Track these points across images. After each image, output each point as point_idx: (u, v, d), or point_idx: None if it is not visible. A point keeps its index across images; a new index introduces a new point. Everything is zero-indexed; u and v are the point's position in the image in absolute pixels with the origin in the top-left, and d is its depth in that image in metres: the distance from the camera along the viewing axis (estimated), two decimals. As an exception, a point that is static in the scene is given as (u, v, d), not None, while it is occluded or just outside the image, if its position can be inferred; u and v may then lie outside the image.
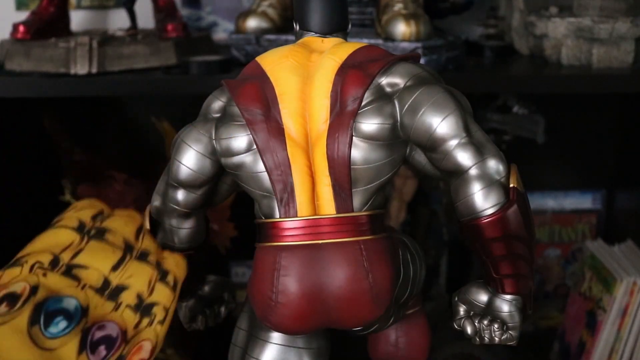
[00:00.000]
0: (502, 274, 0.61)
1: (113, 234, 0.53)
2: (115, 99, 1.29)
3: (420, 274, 0.70)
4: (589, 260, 1.17)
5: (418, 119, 0.60)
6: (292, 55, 0.65)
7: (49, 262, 0.49)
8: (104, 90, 0.98)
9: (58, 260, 0.49)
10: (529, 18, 1.05)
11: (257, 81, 0.64)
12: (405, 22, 0.92)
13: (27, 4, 1.23)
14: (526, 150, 1.20)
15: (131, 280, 0.51)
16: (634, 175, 1.27)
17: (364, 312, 0.62)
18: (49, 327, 0.45)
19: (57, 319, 0.46)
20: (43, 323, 0.45)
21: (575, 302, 1.19)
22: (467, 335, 0.65)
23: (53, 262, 0.49)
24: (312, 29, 0.68)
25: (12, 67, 1.00)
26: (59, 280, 0.48)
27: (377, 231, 0.63)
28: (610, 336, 1.08)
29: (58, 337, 0.45)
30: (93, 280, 0.49)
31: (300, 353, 0.68)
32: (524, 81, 0.99)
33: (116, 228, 0.53)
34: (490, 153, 0.59)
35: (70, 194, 1.22)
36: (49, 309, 0.46)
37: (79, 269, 0.49)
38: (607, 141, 1.32)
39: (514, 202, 0.58)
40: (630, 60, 0.97)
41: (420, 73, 0.63)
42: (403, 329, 0.75)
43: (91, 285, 0.49)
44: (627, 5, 0.98)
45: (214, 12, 1.26)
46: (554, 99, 1.24)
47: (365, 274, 0.61)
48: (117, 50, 0.99)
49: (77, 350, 0.45)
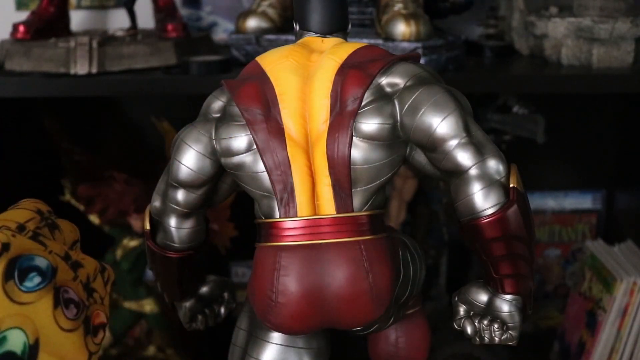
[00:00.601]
0: (502, 274, 0.61)
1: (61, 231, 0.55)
2: (115, 99, 1.29)
3: (420, 274, 0.70)
4: (589, 260, 1.17)
5: (418, 119, 0.60)
6: (292, 55, 0.65)
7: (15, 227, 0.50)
8: (104, 90, 0.98)
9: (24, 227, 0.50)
10: (529, 18, 1.05)
11: (257, 81, 0.64)
12: (405, 22, 0.92)
13: (27, 4, 1.23)
14: (526, 150, 1.20)
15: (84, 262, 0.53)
16: (634, 175, 1.27)
17: (364, 312, 0.62)
18: (23, 282, 0.46)
19: (31, 274, 0.47)
20: (17, 278, 0.46)
21: (575, 302, 1.19)
22: (467, 335, 0.65)
23: (19, 228, 0.50)
24: (312, 29, 0.68)
25: (12, 67, 1.00)
26: (28, 243, 0.49)
27: (377, 231, 0.63)
28: (610, 336, 1.08)
29: (33, 291, 0.46)
30: (57, 249, 0.50)
31: (300, 353, 0.68)
32: (524, 81, 0.99)
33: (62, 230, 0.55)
34: (490, 153, 0.59)
35: (70, 194, 1.22)
36: (22, 265, 0.47)
37: (43, 237, 0.50)
38: (607, 141, 1.32)
39: (514, 202, 0.58)
40: (630, 60, 0.97)
41: (420, 73, 0.63)
42: (403, 329, 0.75)
43: (56, 253, 0.50)
44: (627, 5, 0.98)
45: (214, 12, 1.26)
46: (554, 99, 1.24)
47: (365, 274, 0.61)
48: (117, 50, 0.99)
49: (53, 305, 0.47)
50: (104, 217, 1.20)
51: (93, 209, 1.19)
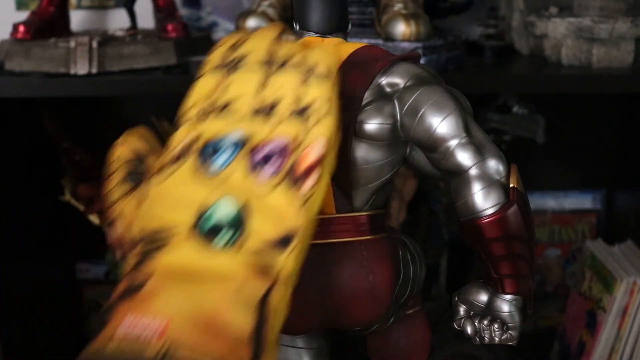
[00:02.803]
0: (502, 274, 0.61)
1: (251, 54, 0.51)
2: (115, 99, 1.29)
3: (420, 274, 0.70)
4: (589, 260, 1.17)
5: (418, 119, 0.60)
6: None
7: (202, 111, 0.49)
8: (104, 90, 0.98)
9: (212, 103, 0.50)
10: (529, 18, 1.05)
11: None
12: (405, 22, 0.92)
13: (27, 4, 1.23)
14: (526, 150, 1.20)
15: (282, 90, 0.49)
16: (634, 175, 1.27)
17: (364, 312, 0.62)
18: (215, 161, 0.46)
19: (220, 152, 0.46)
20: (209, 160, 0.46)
21: (575, 302, 1.19)
22: (467, 335, 0.65)
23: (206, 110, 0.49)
24: (312, 29, 0.68)
25: (12, 67, 1.00)
26: (216, 123, 0.48)
27: (377, 231, 0.63)
28: (610, 336, 1.08)
29: (225, 167, 0.46)
30: (247, 107, 0.48)
31: (300, 353, 0.68)
32: (524, 81, 0.99)
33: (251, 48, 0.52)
34: (490, 153, 0.59)
35: (70, 194, 1.22)
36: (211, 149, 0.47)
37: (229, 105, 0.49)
38: (607, 141, 1.32)
39: (514, 202, 0.58)
40: (630, 60, 0.97)
41: (420, 73, 0.63)
42: (403, 329, 0.75)
43: (247, 112, 0.48)
44: (627, 5, 0.98)
45: (214, 12, 1.26)
46: (554, 99, 1.24)
47: (365, 274, 0.61)
48: (117, 50, 0.99)
49: (248, 172, 0.46)
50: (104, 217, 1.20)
51: (93, 209, 1.19)
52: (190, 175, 0.45)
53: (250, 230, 0.43)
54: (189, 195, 0.44)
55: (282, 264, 0.43)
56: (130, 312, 0.39)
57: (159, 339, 0.37)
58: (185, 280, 0.41)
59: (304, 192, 0.46)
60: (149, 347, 0.37)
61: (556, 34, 0.99)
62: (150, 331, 0.37)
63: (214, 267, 0.42)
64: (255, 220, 0.44)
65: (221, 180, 0.45)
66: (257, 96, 0.49)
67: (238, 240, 0.43)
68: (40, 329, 1.20)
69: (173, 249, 0.42)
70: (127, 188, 0.50)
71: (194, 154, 0.46)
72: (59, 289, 1.31)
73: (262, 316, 0.41)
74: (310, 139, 0.47)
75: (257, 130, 0.47)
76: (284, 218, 0.45)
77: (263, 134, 0.47)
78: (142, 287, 0.40)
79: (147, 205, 0.46)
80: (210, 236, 0.43)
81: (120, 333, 0.38)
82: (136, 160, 0.52)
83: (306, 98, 0.48)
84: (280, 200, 0.45)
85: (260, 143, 0.47)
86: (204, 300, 0.40)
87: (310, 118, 0.47)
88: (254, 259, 0.43)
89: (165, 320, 0.38)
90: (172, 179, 0.46)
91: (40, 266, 1.24)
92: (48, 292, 1.26)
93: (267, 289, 0.42)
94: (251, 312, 0.41)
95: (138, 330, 0.37)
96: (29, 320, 1.17)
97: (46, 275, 1.27)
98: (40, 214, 1.24)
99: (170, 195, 0.45)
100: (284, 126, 0.47)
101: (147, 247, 0.43)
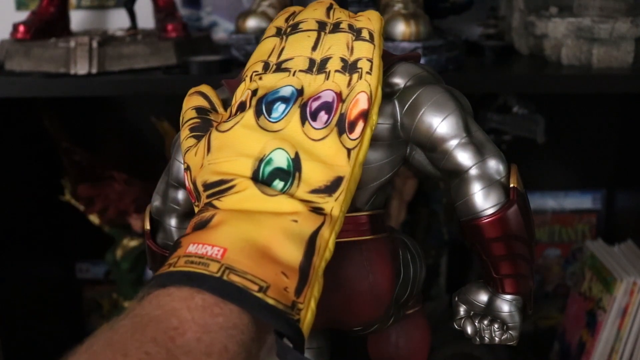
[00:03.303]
0: (502, 274, 0.61)
1: (305, 23, 0.57)
2: (115, 99, 1.29)
3: (420, 274, 0.70)
4: (589, 260, 1.17)
5: (418, 119, 0.60)
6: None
7: (261, 68, 0.55)
8: (104, 90, 0.98)
9: (268, 64, 0.55)
10: (529, 18, 1.05)
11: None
12: (405, 22, 0.92)
13: (27, 4, 1.23)
14: (526, 150, 1.20)
15: (331, 50, 0.55)
16: (634, 175, 1.27)
17: (364, 312, 0.62)
18: (271, 113, 0.51)
19: (276, 104, 0.51)
20: (265, 112, 0.51)
21: (575, 302, 1.19)
22: (467, 335, 0.65)
23: (265, 67, 0.55)
24: (312, 29, 0.68)
25: (12, 67, 1.00)
26: (273, 78, 0.53)
27: (377, 231, 0.63)
28: (610, 336, 1.08)
29: (280, 119, 0.50)
30: (300, 65, 0.54)
31: (300, 353, 0.68)
32: (524, 81, 0.99)
33: (306, 16, 0.58)
34: (490, 153, 0.59)
35: (70, 194, 1.22)
36: (267, 100, 0.51)
37: (285, 62, 0.55)
38: (607, 141, 1.32)
39: (514, 202, 0.58)
40: (630, 60, 0.97)
41: (420, 73, 0.63)
42: (403, 329, 0.75)
43: (300, 70, 0.54)
44: (627, 5, 0.98)
45: (214, 12, 1.26)
46: (554, 99, 1.24)
47: (365, 274, 0.61)
48: (117, 50, 0.99)
49: (300, 123, 0.50)
50: (104, 217, 1.20)
51: (93, 209, 1.20)
52: (250, 125, 0.50)
53: (303, 177, 0.48)
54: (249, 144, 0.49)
55: (330, 206, 0.49)
56: (195, 242, 0.44)
57: (220, 259, 0.42)
58: (245, 216, 0.46)
59: (350, 141, 0.51)
60: (212, 263, 0.42)
61: (556, 34, 0.99)
62: (212, 254, 0.43)
63: (271, 207, 0.47)
64: (307, 168, 0.49)
65: (276, 130, 0.50)
66: (309, 55, 0.54)
67: (292, 186, 0.48)
68: (40, 329, 1.20)
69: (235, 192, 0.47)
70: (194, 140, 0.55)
71: (252, 107, 0.51)
72: (59, 289, 1.31)
73: (311, 250, 0.46)
74: (354, 94, 0.52)
75: (308, 84, 0.52)
76: (332, 164, 0.50)
77: (313, 87, 0.52)
78: (208, 222, 0.46)
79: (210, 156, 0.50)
80: (268, 183, 0.48)
81: (188, 253, 0.43)
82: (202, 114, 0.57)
83: (352, 56, 0.54)
84: (329, 148, 0.50)
85: (311, 96, 0.51)
86: (259, 234, 0.45)
87: (354, 75, 0.53)
88: (307, 200, 0.48)
89: (224, 247, 0.43)
90: (233, 130, 0.50)
91: (40, 266, 1.24)
92: (48, 292, 1.26)
93: (317, 226, 0.47)
94: (301, 246, 0.45)
95: (202, 252, 0.43)
96: (29, 320, 1.17)
97: (46, 275, 1.27)
98: (40, 214, 1.24)
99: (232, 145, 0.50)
100: (331, 81, 0.52)
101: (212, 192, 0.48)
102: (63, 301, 1.32)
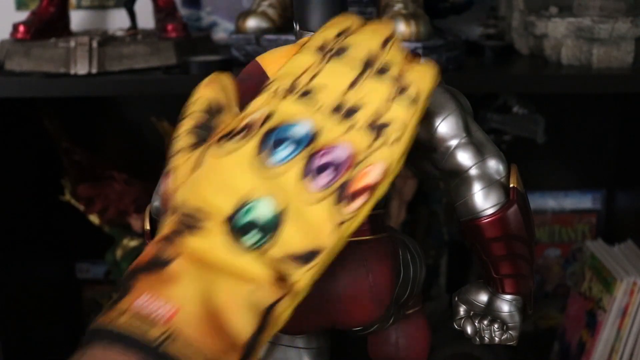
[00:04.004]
0: (502, 274, 0.61)
1: (355, 49, 0.48)
2: (115, 99, 1.29)
3: (420, 274, 0.70)
4: (589, 260, 1.17)
5: (418, 119, 0.60)
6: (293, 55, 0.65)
7: (289, 84, 0.47)
8: (104, 90, 0.98)
9: (297, 83, 0.47)
10: (529, 18, 1.05)
11: (257, 81, 0.64)
12: (405, 22, 0.92)
13: (27, 4, 1.23)
14: (526, 150, 1.20)
15: (368, 98, 0.46)
16: (634, 175, 1.27)
17: (364, 313, 0.62)
18: (274, 155, 0.44)
19: (285, 143, 0.44)
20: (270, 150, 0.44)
21: (575, 302, 1.19)
22: (467, 335, 0.65)
23: (293, 86, 0.47)
24: (312, 29, 0.68)
25: (12, 67, 1.00)
26: (294, 106, 0.46)
27: (377, 231, 0.63)
28: (610, 336, 1.08)
29: (283, 163, 0.44)
30: (329, 101, 0.46)
31: (300, 353, 0.68)
32: (524, 81, 0.99)
33: (359, 42, 0.49)
34: (490, 153, 0.59)
35: (70, 194, 1.22)
36: (277, 136, 0.45)
37: (315, 91, 0.47)
38: (607, 141, 1.32)
39: (514, 202, 0.58)
40: (630, 60, 0.97)
41: (420, 73, 0.63)
42: (403, 329, 0.75)
43: (326, 106, 0.46)
44: (627, 5, 0.98)
45: (214, 12, 1.26)
46: (554, 99, 1.24)
47: (365, 274, 0.61)
48: (117, 50, 0.99)
49: (301, 175, 0.44)
50: (104, 217, 1.20)
51: (93, 209, 1.20)
52: (249, 159, 0.45)
53: (280, 238, 0.43)
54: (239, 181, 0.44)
55: (298, 277, 0.44)
56: (148, 291, 0.40)
57: (165, 323, 0.39)
58: (207, 274, 0.42)
59: (345, 213, 0.45)
60: (153, 328, 0.38)
61: (556, 34, 0.99)
62: (160, 314, 0.39)
63: (236, 265, 0.42)
64: (288, 229, 0.44)
65: (273, 175, 0.44)
66: (343, 93, 0.47)
67: (265, 244, 0.43)
68: (40, 329, 1.20)
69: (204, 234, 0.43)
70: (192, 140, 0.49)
71: (259, 136, 0.45)
72: (59, 289, 1.31)
73: (264, 324, 0.42)
74: (372, 159, 0.45)
75: (328, 128, 0.46)
76: (317, 234, 0.44)
77: (331, 135, 0.45)
78: (168, 264, 0.42)
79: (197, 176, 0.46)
80: (241, 233, 0.43)
81: (135, 308, 0.39)
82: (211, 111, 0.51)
83: (387, 115, 0.46)
84: (320, 215, 0.44)
85: (325, 146, 0.45)
86: (216, 297, 0.41)
87: (380, 137, 0.46)
88: (274, 266, 0.43)
89: (176, 307, 0.39)
90: (230, 158, 0.45)
91: (40, 266, 1.24)
92: (48, 292, 1.26)
93: (277, 298, 0.42)
94: (255, 319, 0.41)
95: (150, 310, 0.39)
96: (29, 320, 1.17)
97: (46, 275, 1.27)
98: (40, 214, 1.24)
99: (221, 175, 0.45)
100: (354, 134, 0.46)
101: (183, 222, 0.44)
102: (63, 301, 1.32)
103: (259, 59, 0.67)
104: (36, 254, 1.22)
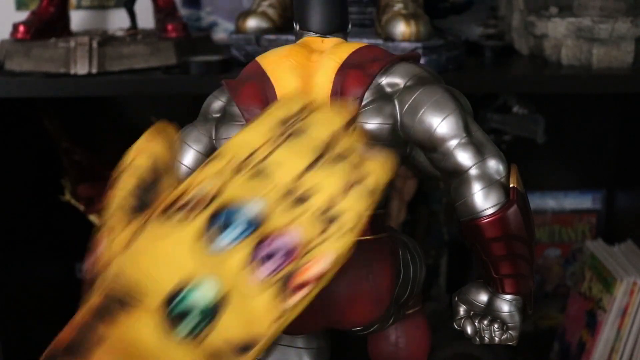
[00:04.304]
0: (502, 274, 0.61)
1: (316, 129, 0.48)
2: (115, 99, 1.29)
3: (420, 274, 0.70)
4: (589, 260, 1.17)
5: (418, 119, 0.60)
6: (293, 55, 0.65)
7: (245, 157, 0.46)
8: (104, 90, 0.98)
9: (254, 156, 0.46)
10: (529, 18, 1.05)
11: (257, 81, 0.64)
12: (405, 22, 0.92)
13: (27, 4, 1.23)
14: (526, 150, 1.20)
15: (323, 184, 0.45)
16: (634, 175, 1.27)
17: (364, 313, 0.62)
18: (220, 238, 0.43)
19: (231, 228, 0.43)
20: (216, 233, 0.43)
21: (575, 302, 1.19)
22: (467, 335, 0.65)
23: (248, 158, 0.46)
24: (312, 29, 0.68)
25: (12, 67, 1.00)
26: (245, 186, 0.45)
27: (377, 231, 0.63)
28: (610, 336, 1.08)
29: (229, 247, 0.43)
30: (282, 182, 0.45)
31: (300, 353, 0.68)
32: (524, 81, 0.99)
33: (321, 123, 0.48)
34: (490, 153, 0.59)
35: (70, 194, 1.22)
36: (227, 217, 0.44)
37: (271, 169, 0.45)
38: (607, 141, 1.32)
39: (514, 202, 0.58)
40: (630, 60, 0.97)
41: (420, 73, 0.63)
42: (403, 329, 0.75)
43: (279, 188, 0.45)
44: (627, 5, 0.98)
45: (214, 12, 1.26)
46: (554, 99, 1.24)
47: (365, 274, 0.61)
48: (117, 50, 0.99)
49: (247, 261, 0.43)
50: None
51: (93, 209, 1.19)
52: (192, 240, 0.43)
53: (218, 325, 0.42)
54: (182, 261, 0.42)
55: None
56: None
57: None
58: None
59: (287, 306, 0.44)
60: None
61: (556, 34, 0.99)
62: None
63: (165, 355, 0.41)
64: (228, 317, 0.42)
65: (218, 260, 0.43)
66: (298, 177, 0.46)
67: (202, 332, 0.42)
68: (40, 329, 1.20)
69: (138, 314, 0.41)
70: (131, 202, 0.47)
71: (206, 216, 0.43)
72: (59, 289, 1.31)
73: None
74: (323, 249, 0.44)
75: (279, 212, 0.44)
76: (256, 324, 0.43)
77: (282, 221, 0.44)
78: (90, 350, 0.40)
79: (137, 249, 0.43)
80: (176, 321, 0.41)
81: None
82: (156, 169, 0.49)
83: (341, 204, 0.46)
84: (261, 305, 0.43)
85: (273, 232, 0.44)
86: None
87: (332, 226, 0.45)
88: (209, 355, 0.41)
89: None
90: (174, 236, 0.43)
91: (39, 266, 1.24)
92: (48, 292, 1.26)
93: None
94: None
95: None
96: (29, 320, 1.17)
97: (46, 275, 1.27)
98: (40, 214, 1.24)
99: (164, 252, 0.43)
100: (305, 221, 0.44)
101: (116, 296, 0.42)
102: (63, 301, 1.31)
103: (259, 59, 0.67)
104: (36, 254, 1.22)
